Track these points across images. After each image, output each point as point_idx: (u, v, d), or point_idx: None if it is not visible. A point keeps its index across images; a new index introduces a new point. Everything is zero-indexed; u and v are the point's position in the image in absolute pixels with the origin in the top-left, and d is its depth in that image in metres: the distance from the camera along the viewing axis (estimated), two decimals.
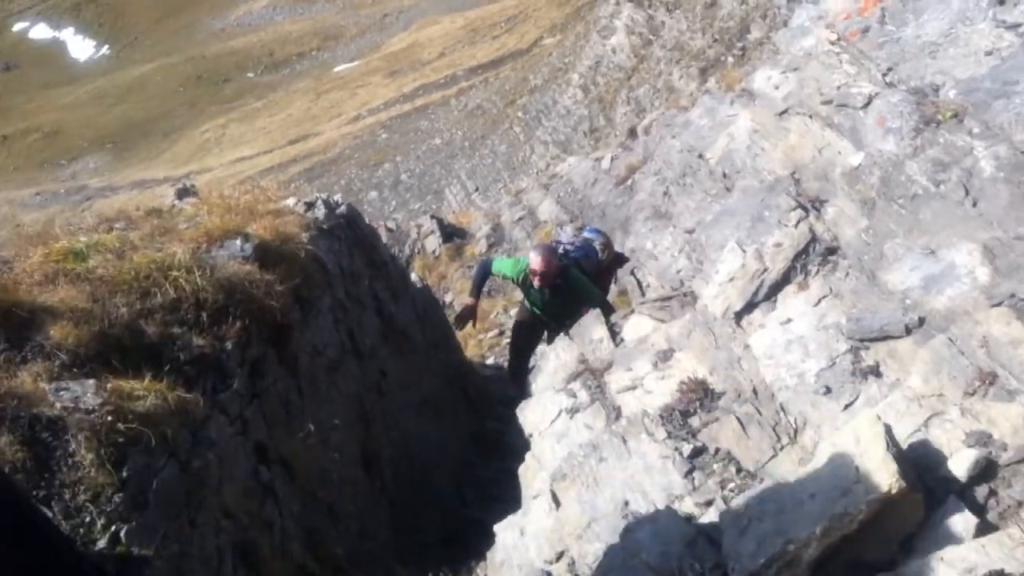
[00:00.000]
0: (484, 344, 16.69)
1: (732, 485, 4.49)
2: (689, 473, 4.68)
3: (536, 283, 9.10)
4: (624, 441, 5.01)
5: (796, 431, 4.66)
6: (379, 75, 77.25)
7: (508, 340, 15.99)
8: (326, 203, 8.28)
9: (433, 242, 22.31)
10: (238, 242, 6.01)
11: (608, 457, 4.96)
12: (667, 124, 18.58)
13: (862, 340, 4.69)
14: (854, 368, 4.66)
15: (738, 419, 4.85)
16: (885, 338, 4.59)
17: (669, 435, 4.92)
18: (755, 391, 4.95)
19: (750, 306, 5.45)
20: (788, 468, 4.41)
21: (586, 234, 11.57)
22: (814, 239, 5.48)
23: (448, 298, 18.22)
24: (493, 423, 11.05)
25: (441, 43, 78.56)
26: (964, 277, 4.49)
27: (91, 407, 4.10)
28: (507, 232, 21.44)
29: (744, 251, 5.69)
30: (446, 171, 55.83)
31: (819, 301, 5.11)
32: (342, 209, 8.54)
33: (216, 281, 5.36)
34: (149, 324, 4.96)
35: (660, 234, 8.66)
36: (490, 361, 15.74)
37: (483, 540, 7.43)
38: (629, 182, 17.92)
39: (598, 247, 10.97)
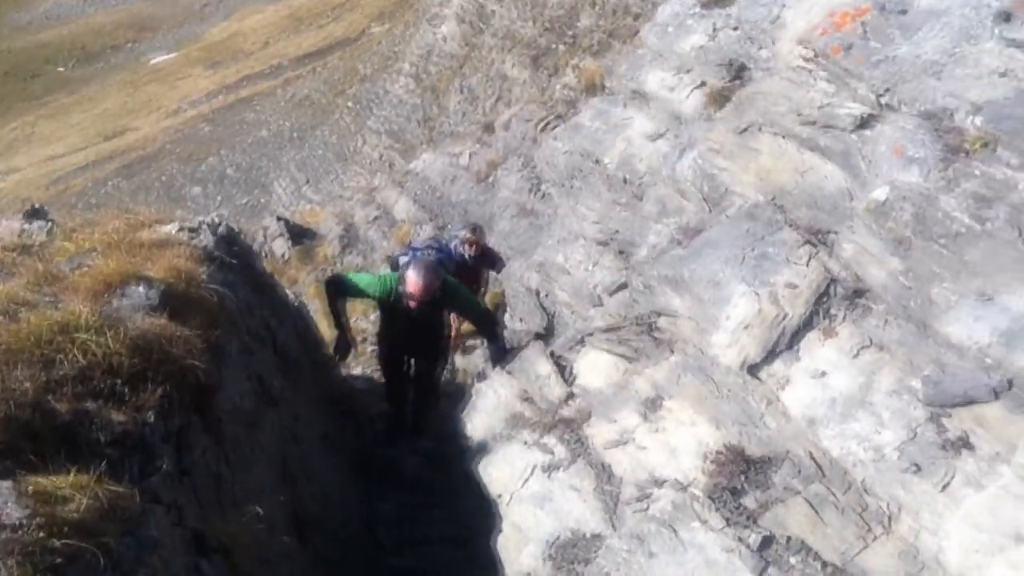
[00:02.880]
0: None
1: None
2: (763, 570, 4.00)
3: (412, 305, 8.41)
4: (674, 531, 4.25)
5: (890, 518, 4.00)
6: (199, 66, 74.87)
7: (372, 348, 15.36)
8: (209, 226, 7.54)
9: (281, 245, 21.31)
10: (140, 289, 5.25)
11: (658, 552, 4.20)
12: (527, 119, 18.28)
13: (943, 406, 4.12)
14: (941, 440, 4.07)
15: (807, 501, 4.19)
16: (968, 403, 4.05)
17: (728, 522, 4.20)
18: (817, 465, 4.32)
19: (770, 356, 4.88)
20: (887, 563, 3.89)
21: (454, 231, 11.43)
22: (832, 279, 4.97)
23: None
24: (382, 449, 10.39)
25: (265, 32, 76.66)
26: None
27: (17, 521, 3.38)
28: (361, 232, 20.64)
29: (757, 294, 5.09)
30: (274, 164, 54.67)
31: (857, 352, 4.60)
32: (221, 229, 7.79)
33: (129, 341, 4.62)
34: (59, 400, 4.19)
35: (571, 247, 8.22)
36: (357, 371, 15.02)
37: None
38: (490, 179, 17.55)
39: (461, 238, 10.87)
